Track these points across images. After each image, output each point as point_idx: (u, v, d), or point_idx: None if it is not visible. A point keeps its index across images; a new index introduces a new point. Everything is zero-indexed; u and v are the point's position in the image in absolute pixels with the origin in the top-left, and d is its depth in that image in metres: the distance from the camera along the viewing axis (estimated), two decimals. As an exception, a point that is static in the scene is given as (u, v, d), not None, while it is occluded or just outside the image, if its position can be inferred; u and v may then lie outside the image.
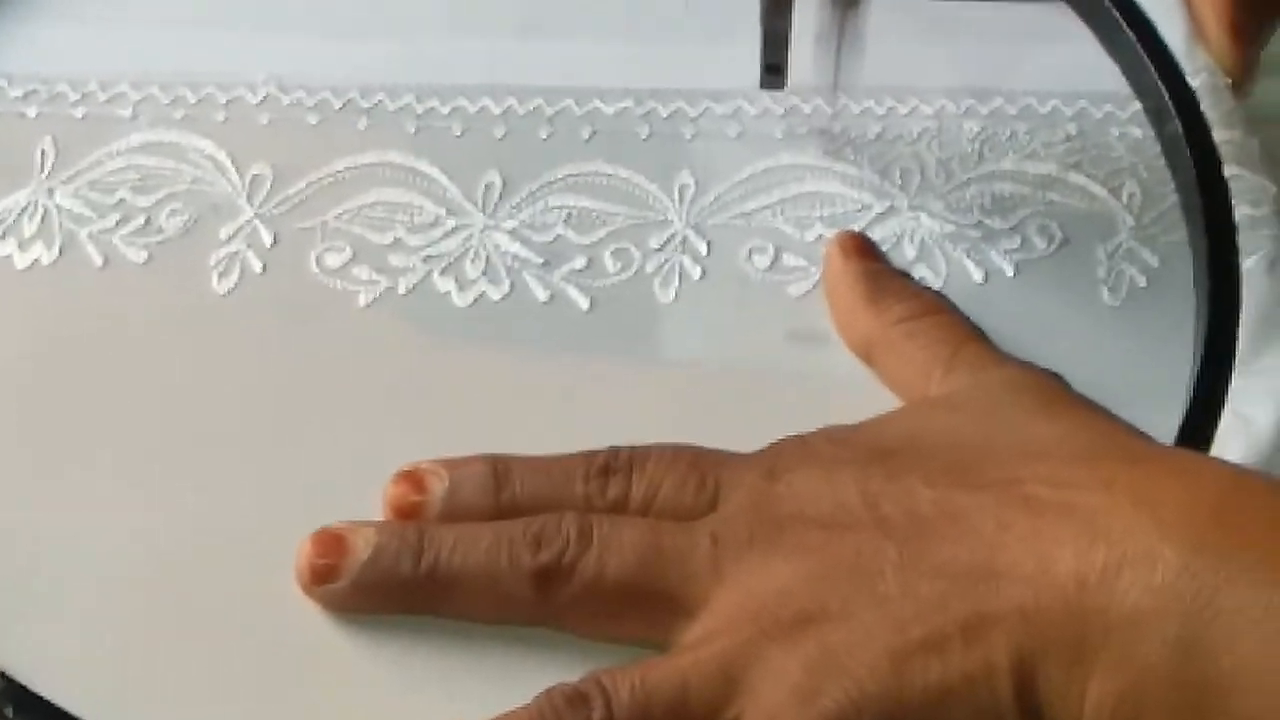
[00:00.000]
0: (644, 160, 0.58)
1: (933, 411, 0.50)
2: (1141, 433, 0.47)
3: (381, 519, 0.49)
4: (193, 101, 0.60)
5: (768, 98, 0.60)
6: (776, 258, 0.56)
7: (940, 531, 0.45)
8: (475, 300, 0.55)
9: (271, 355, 0.54)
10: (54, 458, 0.52)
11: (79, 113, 0.59)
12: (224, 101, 0.60)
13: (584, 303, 0.55)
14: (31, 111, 0.60)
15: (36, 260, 0.56)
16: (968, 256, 0.56)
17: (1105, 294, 0.55)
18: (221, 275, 0.55)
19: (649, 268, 0.56)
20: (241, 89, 0.60)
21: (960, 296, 0.55)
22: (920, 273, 0.56)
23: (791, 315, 0.55)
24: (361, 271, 0.56)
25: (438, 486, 0.48)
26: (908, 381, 0.52)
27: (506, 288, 0.55)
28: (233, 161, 0.58)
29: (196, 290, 0.55)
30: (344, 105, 0.60)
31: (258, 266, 0.56)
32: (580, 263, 0.56)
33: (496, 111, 0.59)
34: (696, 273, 0.56)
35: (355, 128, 0.59)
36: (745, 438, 0.49)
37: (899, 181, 0.58)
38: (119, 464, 0.52)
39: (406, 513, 0.48)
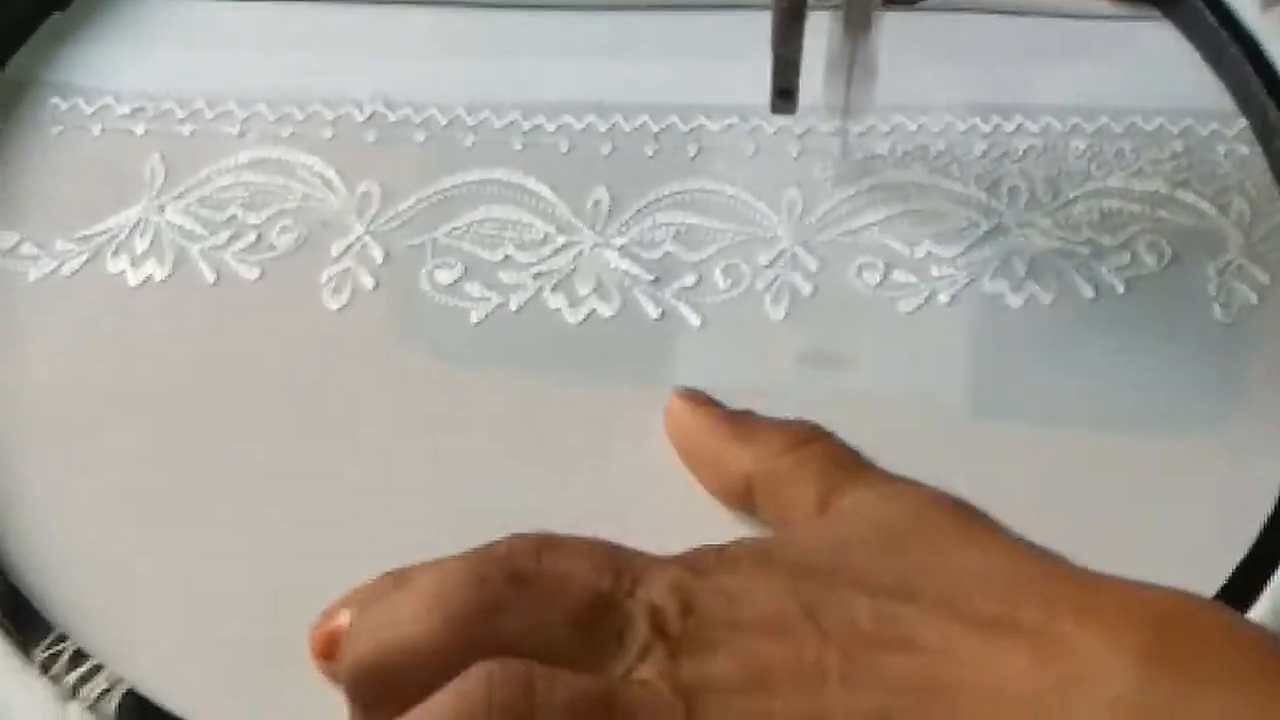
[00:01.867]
0: (750, 177, 0.58)
1: (847, 528, 0.47)
2: (1060, 555, 0.46)
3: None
4: (300, 119, 0.60)
5: (873, 115, 0.59)
6: (886, 274, 0.56)
7: (884, 643, 0.43)
8: (587, 317, 0.55)
9: (385, 372, 0.54)
10: (168, 473, 0.52)
11: (187, 130, 0.60)
12: (331, 119, 0.60)
13: (695, 319, 0.55)
14: (140, 129, 0.60)
15: (149, 277, 0.56)
16: (1078, 273, 0.56)
17: (1217, 311, 0.55)
18: (334, 292, 0.56)
19: (759, 284, 0.56)
20: (348, 106, 0.60)
21: (1072, 313, 0.55)
22: (1030, 290, 0.56)
23: (903, 331, 0.55)
24: (473, 288, 0.56)
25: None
26: (802, 512, 0.48)
27: (618, 305, 0.55)
28: (341, 178, 0.58)
29: (309, 307, 0.55)
30: (450, 122, 0.60)
31: (369, 283, 0.56)
32: (690, 279, 0.56)
33: (602, 129, 0.59)
34: (807, 289, 0.56)
35: (462, 145, 0.59)
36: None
37: (1006, 199, 0.58)
38: (233, 480, 0.52)
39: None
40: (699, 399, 0.52)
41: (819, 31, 0.53)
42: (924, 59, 0.61)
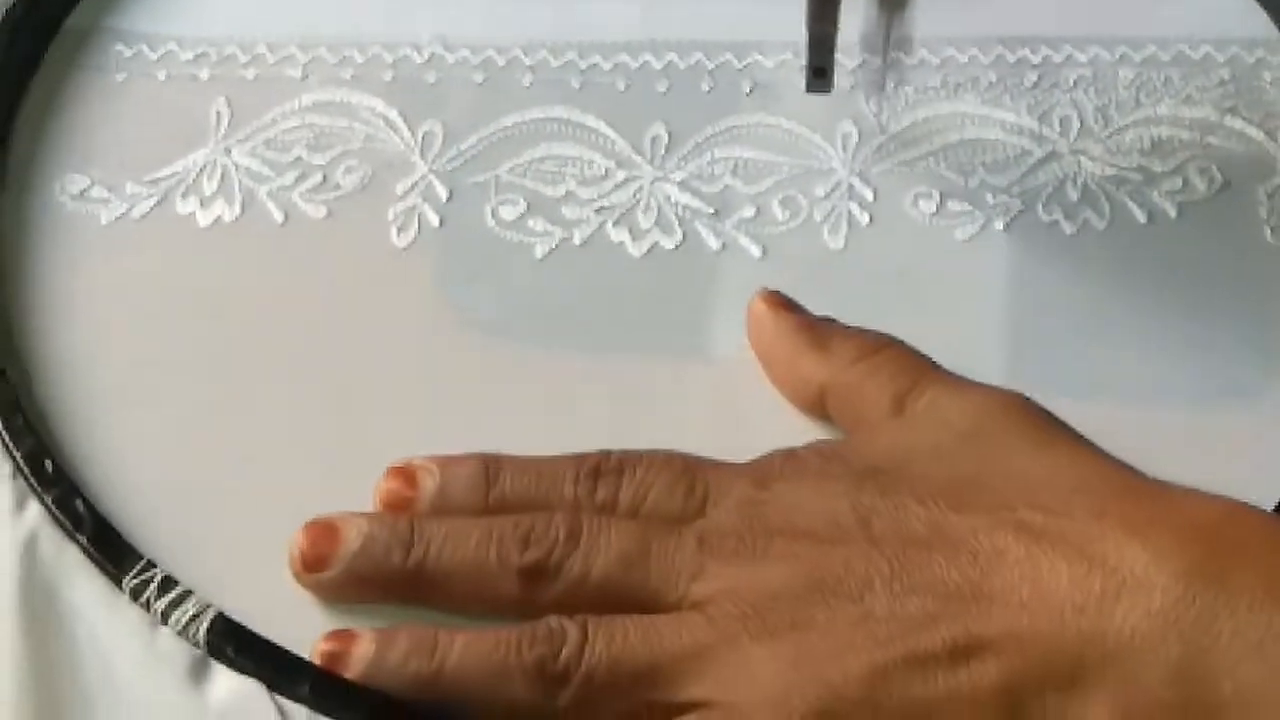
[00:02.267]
0: (804, 111, 0.59)
1: (920, 431, 0.49)
2: (1124, 464, 0.48)
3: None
4: (360, 61, 0.61)
5: (923, 48, 0.60)
6: (942, 203, 0.57)
7: (932, 550, 0.45)
8: (649, 250, 0.56)
9: (453, 307, 0.55)
10: (242, 408, 0.54)
11: (250, 74, 0.61)
12: (391, 61, 0.61)
13: (756, 251, 0.56)
14: (204, 74, 0.61)
15: (219, 218, 0.57)
16: (1131, 199, 0.57)
17: (1268, 234, 0.56)
18: (400, 229, 0.57)
19: (817, 215, 0.57)
20: (407, 48, 0.61)
21: (1126, 239, 0.56)
22: (1084, 214, 0.57)
23: (960, 259, 0.56)
24: (536, 224, 0.57)
25: (429, 482, 0.49)
26: (876, 418, 0.50)
27: (679, 237, 0.56)
28: (404, 119, 0.59)
29: (377, 244, 0.57)
30: (508, 63, 0.61)
31: (435, 220, 0.57)
32: (749, 212, 0.57)
33: (658, 66, 0.60)
34: (864, 219, 0.57)
35: (520, 84, 0.60)
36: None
37: (1058, 127, 0.59)
38: (306, 414, 0.53)
39: (397, 507, 0.49)
40: (780, 302, 0.53)
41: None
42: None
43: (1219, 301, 0.54)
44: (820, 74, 0.55)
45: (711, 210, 0.57)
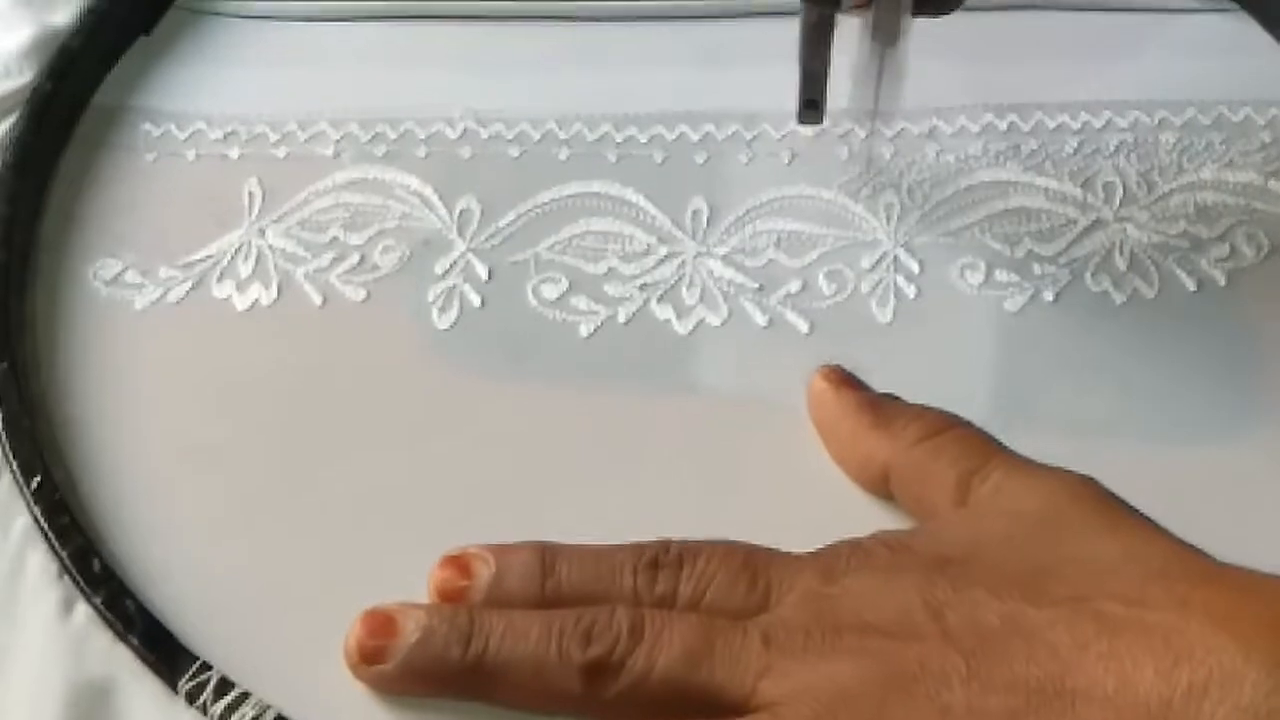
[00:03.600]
0: (846, 181, 0.59)
1: (987, 520, 0.48)
2: (1199, 550, 0.47)
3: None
4: (393, 138, 0.60)
5: (963, 116, 0.60)
6: (989, 274, 0.56)
7: (1010, 646, 0.44)
8: (695, 327, 0.56)
9: (499, 389, 0.54)
10: (290, 496, 0.53)
11: (281, 152, 0.60)
12: (423, 137, 0.60)
13: (804, 326, 0.55)
14: (234, 153, 0.60)
15: (256, 301, 0.56)
16: (1179, 267, 0.56)
17: (1318, 300, 0.55)
18: (442, 310, 0.56)
19: (864, 288, 0.56)
20: (440, 124, 0.61)
21: (1175, 307, 0.56)
22: (1134, 283, 0.56)
23: (1010, 330, 0.55)
24: (579, 302, 0.56)
25: (484, 571, 0.48)
26: (942, 500, 0.50)
27: (725, 313, 0.56)
28: (439, 196, 0.59)
29: (418, 326, 0.56)
30: (543, 136, 0.60)
31: (476, 300, 0.56)
32: (795, 286, 0.56)
33: (695, 138, 0.60)
34: (911, 291, 0.56)
35: (556, 158, 0.60)
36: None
37: (1102, 194, 0.58)
38: (353, 501, 0.52)
39: (452, 597, 0.48)
40: (842, 379, 0.53)
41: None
42: (1008, 55, 0.61)
43: (1272, 368, 0.54)
44: (812, 105, 0.54)
45: (757, 285, 0.56)
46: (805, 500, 0.52)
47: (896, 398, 0.51)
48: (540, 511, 0.51)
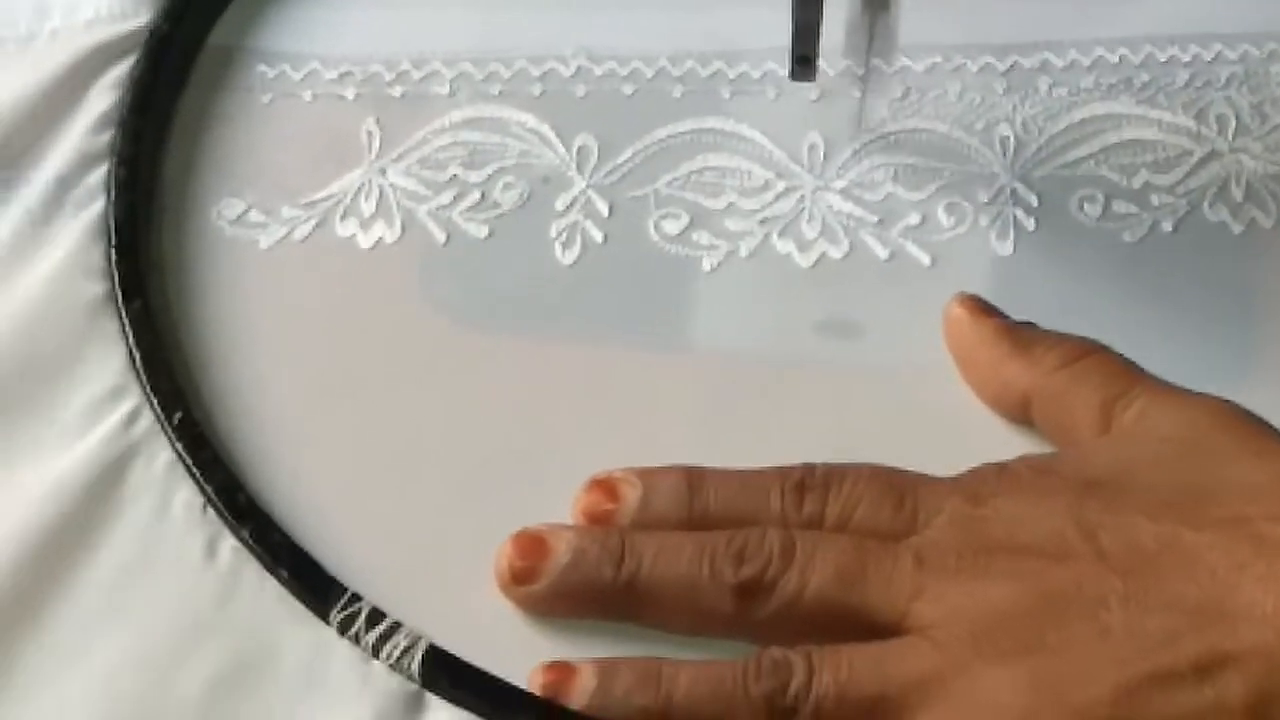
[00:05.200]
0: (960, 114, 0.59)
1: (1135, 444, 0.49)
2: None
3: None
4: (507, 76, 0.60)
5: (1073, 49, 0.60)
6: (1107, 205, 0.57)
7: (1167, 567, 0.44)
8: (818, 261, 0.56)
9: (625, 322, 0.55)
10: (426, 434, 0.53)
11: (397, 92, 0.60)
12: (538, 75, 0.61)
13: (925, 259, 0.56)
14: (350, 93, 0.60)
15: (380, 239, 0.57)
16: (1296, 196, 0.57)
17: None
18: (565, 246, 0.56)
19: (983, 221, 0.57)
20: (553, 62, 0.61)
21: (1294, 236, 0.56)
22: (1251, 214, 0.57)
23: (1129, 261, 0.56)
24: (701, 237, 0.57)
25: (631, 495, 0.49)
26: (1085, 425, 0.50)
27: (846, 247, 0.56)
28: (556, 134, 0.59)
29: (542, 262, 0.56)
30: (656, 74, 0.60)
31: (599, 236, 0.56)
32: (915, 219, 0.57)
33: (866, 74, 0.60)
34: (1030, 224, 0.56)
35: (670, 96, 0.60)
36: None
37: (1215, 126, 0.59)
38: (485, 435, 0.53)
39: (599, 520, 0.49)
40: (978, 307, 0.53)
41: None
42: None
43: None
44: (804, 61, 0.54)
45: (876, 219, 0.56)
46: (939, 432, 0.52)
47: (1034, 325, 0.51)
48: (672, 439, 0.52)
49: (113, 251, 0.55)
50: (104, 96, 0.59)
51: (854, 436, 0.52)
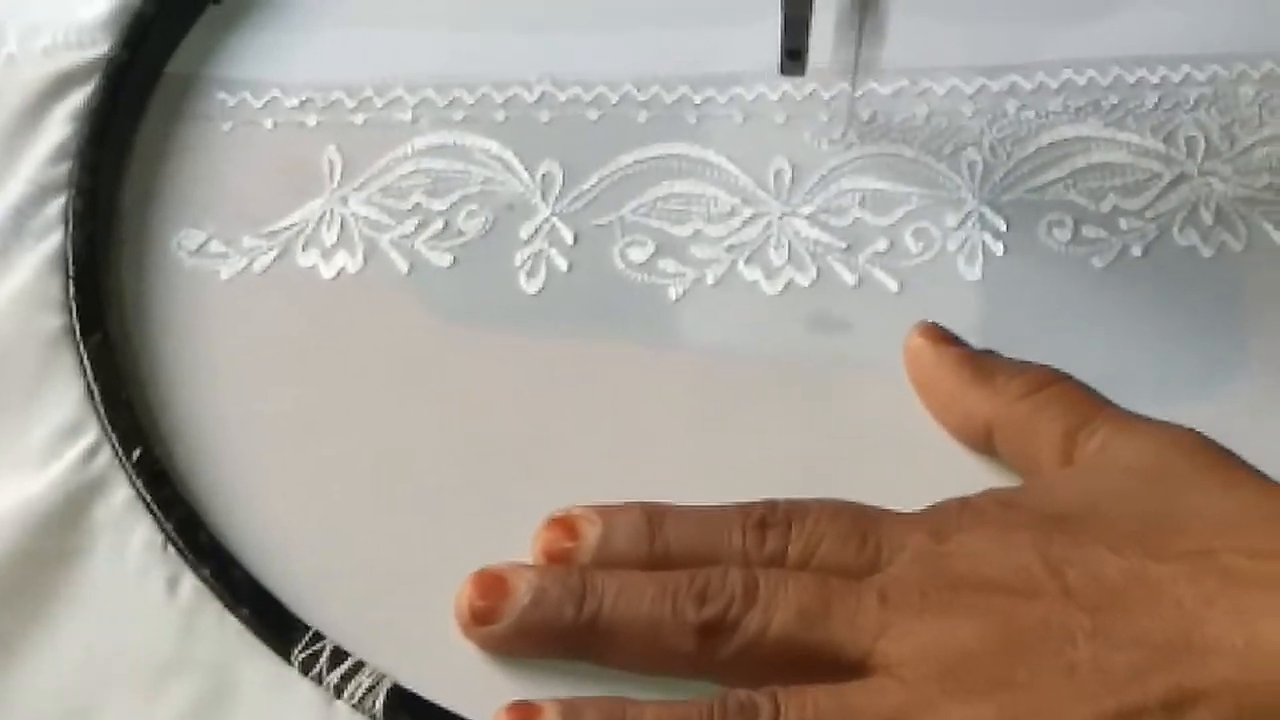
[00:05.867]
0: (928, 139, 0.58)
1: (1099, 475, 0.48)
2: None
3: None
4: (470, 102, 0.60)
5: (1041, 72, 0.60)
6: (1076, 230, 0.56)
7: (1133, 601, 0.44)
8: (785, 287, 0.55)
9: (590, 352, 0.54)
10: (385, 463, 0.53)
11: (359, 119, 0.60)
12: (501, 101, 0.60)
13: (893, 285, 0.55)
14: (311, 120, 0.60)
15: (343, 269, 0.56)
16: (1265, 219, 0.56)
17: (1407, 249, 0.55)
18: (529, 275, 0.56)
19: (951, 246, 0.56)
20: (516, 87, 0.60)
21: (1265, 260, 0.55)
22: (1221, 238, 0.56)
23: (1098, 286, 0.55)
24: (667, 265, 0.56)
25: (591, 532, 0.48)
26: (1048, 455, 0.49)
27: (814, 274, 0.56)
28: (521, 160, 0.59)
29: (506, 291, 0.56)
30: (620, 99, 0.60)
31: (563, 265, 0.56)
32: (882, 244, 0.56)
33: (774, 98, 0.60)
34: (999, 249, 0.56)
35: (635, 121, 0.60)
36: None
37: (1184, 148, 0.58)
38: (447, 466, 0.53)
39: (558, 558, 0.48)
40: (940, 335, 0.52)
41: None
42: (1082, 10, 0.61)
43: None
44: (794, 56, 0.54)
45: (844, 245, 0.56)
46: (905, 460, 0.52)
47: (996, 353, 0.51)
48: (637, 474, 0.51)
49: (71, 284, 0.54)
50: (61, 126, 0.58)
51: (820, 462, 0.52)
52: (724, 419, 0.53)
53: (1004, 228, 0.56)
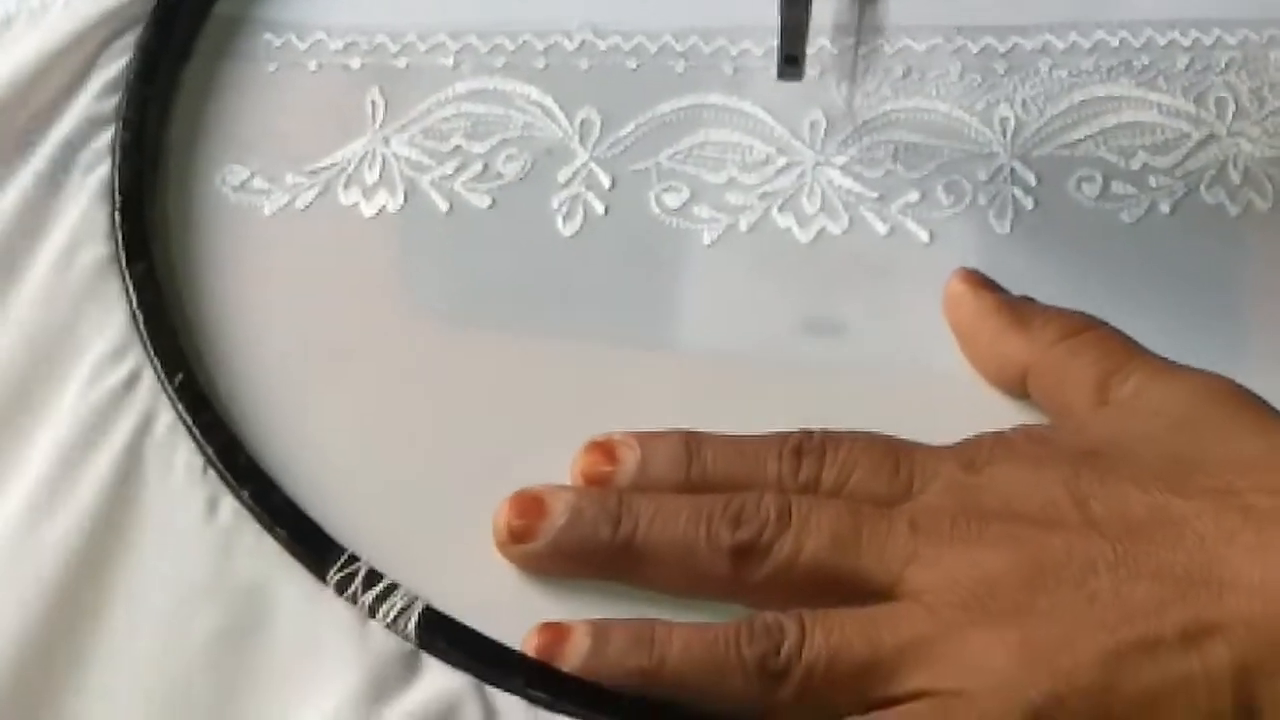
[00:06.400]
0: (961, 95, 0.59)
1: (1131, 417, 0.49)
2: None
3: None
4: (511, 49, 0.61)
5: (1074, 32, 0.60)
6: (1105, 186, 0.57)
7: (1156, 535, 0.45)
8: (817, 235, 0.56)
9: (624, 294, 0.55)
10: (423, 399, 0.54)
11: (401, 63, 0.61)
12: (542, 48, 0.61)
13: (924, 235, 0.56)
14: (355, 63, 0.61)
15: (383, 208, 0.57)
16: (1294, 181, 0.57)
17: None
18: (566, 218, 0.57)
19: (981, 199, 0.57)
20: (557, 35, 0.61)
21: (1292, 221, 0.56)
22: (1248, 197, 0.57)
23: (1126, 242, 0.56)
24: (701, 210, 0.57)
25: (629, 457, 0.50)
26: (1080, 399, 0.50)
27: (846, 222, 0.57)
28: (560, 106, 0.59)
29: (543, 233, 0.57)
30: (659, 49, 0.61)
31: (600, 208, 0.57)
32: (914, 196, 0.57)
33: (811, 51, 0.60)
34: (1029, 203, 0.57)
35: (673, 71, 0.60)
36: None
37: (1214, 109, 0.59)
38: (480, 402, 0.54)
39: (596, 482, 0.49)
40: (978, 281, 0.53)
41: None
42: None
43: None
44: (792, 61, 0.55)
45: (876, 195, 0.57)
46: (934, 403, 0.52)
47: (1033, 299, 0.52)
48: (673, 408, 0.52)
49: (117, 214, 0.55)
50: (113, 63, 0.59)
51: (848, 404, 0.52)
52: (758, 359, 0.54)
53: (1034, 182, 0.57)
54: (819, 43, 0.61)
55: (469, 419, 0.52)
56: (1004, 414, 0.52)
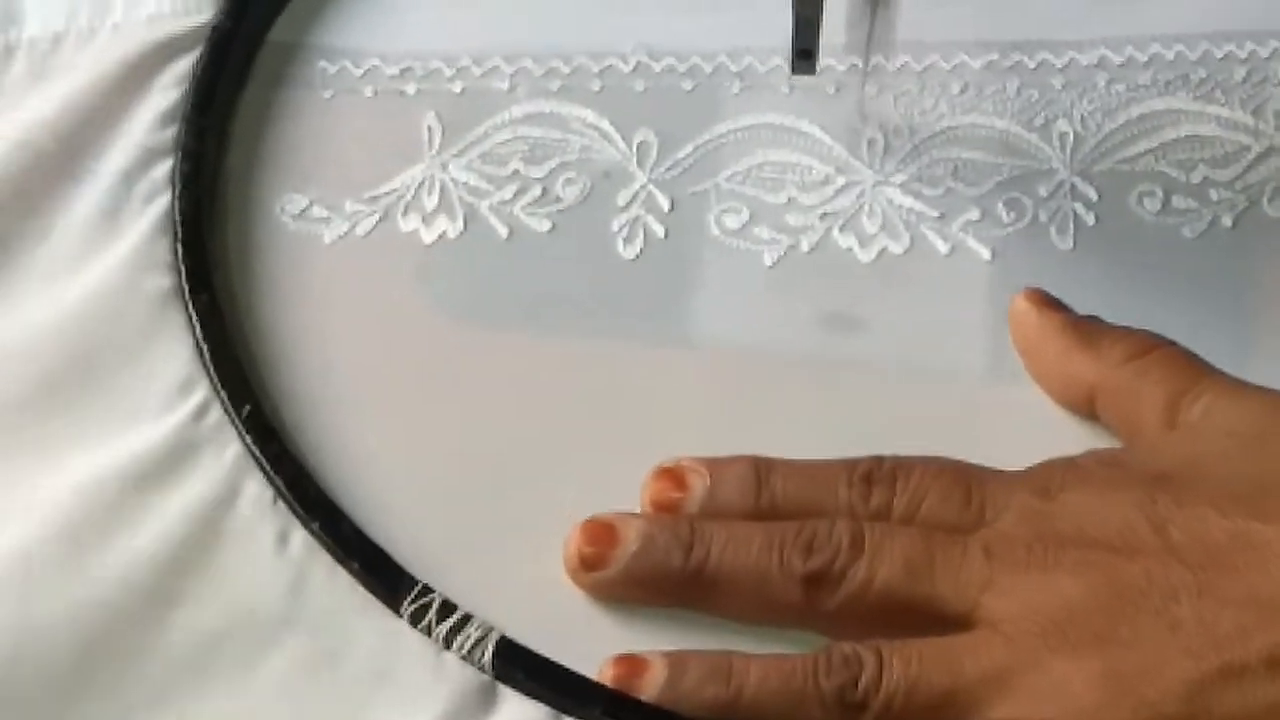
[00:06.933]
0: (1020, 111, 0.59)
1: (1203, 439, 0.49)
2: None
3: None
4: (566, 72, 0.61)
5: (1130, 46, 0.60)
6: (1167, 201, 0.57)
7: (1238, 560, 0.44)
8: (879, 255, 0.56)
9: (686, 317, 0.55)
10: (490, 427, 0.54)
11: (457, 88, 0.61)
12: (597, 71, 0.61)
13: (985, 253, 0.56)
14: (411, 89, 0.61)
15: (443, 234, 0.57)
16: (1355, 196, 0.57)
17: None
18: (626, 241, 0.57)
19: (1043, 216, 0.57)
20: (613, 58, 0.61)
21: (1352, 237, 0.56)
22: (1307, 214, 0.56)
23: (1189, 257, 0.56)
24: (761, 231, 0.57)
25: (699, 484, 0.49)
26: (1151, 420, 0.50)
27: (907, 241, 0.56)
28: (616, 129, 0.59)
29: (604, 257, 0.57)
30: (714, 70, 0.61)
31: (660, 231, 0.57)
32: (975, 214, 0.57)
33: (866, 68, 0.60)
34: (1090, 219, 0.57)
35: (729, 92, 0.60)
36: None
37: (1272, 122, 0.59)
38: (545, 428, 0.54)
39: (666, 508, 0.49)
40: (1043, 300, 0.53)
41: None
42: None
43: None
44: (805, 55, 0.55)
45: (937, 213, 0.57)
46: (1000, 422, 0.52)
47: (1099, 319, 0.52)
48: (740, 430, 0.52)
49: (179, 245, 0.55)
50: (166, 92, 0.59)
51: (912, 428, 0.52)
52: (824, 378, 0.54)
53: (1095, 198, 0.57)
54: (875, 59, 0.60)
55: (536, 446, 0.52)
56: (1077, 436, 0.51)
